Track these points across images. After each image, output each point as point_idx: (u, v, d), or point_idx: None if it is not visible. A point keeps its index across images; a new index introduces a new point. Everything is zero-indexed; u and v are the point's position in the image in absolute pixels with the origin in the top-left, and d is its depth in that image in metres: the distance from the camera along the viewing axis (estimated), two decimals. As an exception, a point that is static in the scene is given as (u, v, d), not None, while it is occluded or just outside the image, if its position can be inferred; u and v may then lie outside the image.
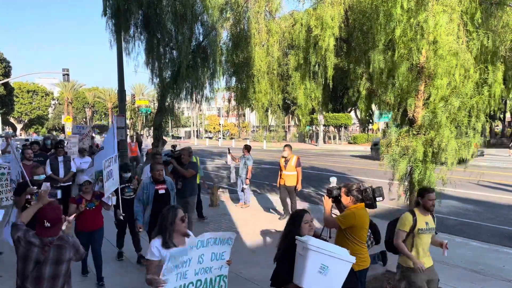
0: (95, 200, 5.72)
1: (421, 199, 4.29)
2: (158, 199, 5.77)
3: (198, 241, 3.34)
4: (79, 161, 10.43)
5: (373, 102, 5.65)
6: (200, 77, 10.21)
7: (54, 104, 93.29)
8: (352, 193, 4.17)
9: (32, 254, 3.15)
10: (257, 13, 6.68)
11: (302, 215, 3.40)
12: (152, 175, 5.92)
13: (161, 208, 5.43)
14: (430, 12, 4.27)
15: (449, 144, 4.52)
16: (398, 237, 4.29)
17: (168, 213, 3.61)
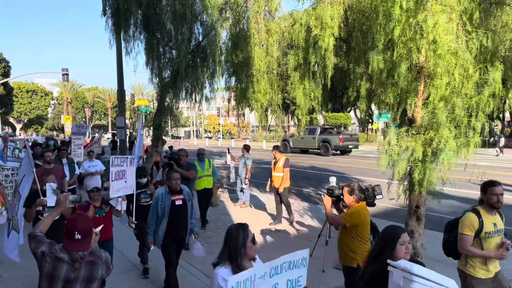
0: (105, 206, 5.22)
1: (484, 194, 3.83)
2: (175, 211, 5.21)
3: (272, 267, 2.79)
4: (87, 164, 9.88)
5: (373, 102, 5.65)
6: (200, 77, 10.21)
7: (54, 104, 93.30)
8: (355, 192, 4.15)
9: (60, 272, 2.76)
10: (257, 13, 6.68)
11: (398, 234, 2.83)
12: (168, 185, 5.29)
13: (178, 221, 5.19)
14: (429, 12, 4.27)
15: (448, 144, 4.52)
16: (465, 243, 3.72)
17: (238, 233, 2.98)
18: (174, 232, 5.20)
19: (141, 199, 6.14)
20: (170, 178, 5.28)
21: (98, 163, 9.98)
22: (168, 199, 5.23)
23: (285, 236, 8.24)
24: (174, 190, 5.29)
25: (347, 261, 4.21)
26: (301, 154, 29.85)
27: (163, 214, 5.18)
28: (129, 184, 5.64)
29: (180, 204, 5.29)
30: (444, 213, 9.70)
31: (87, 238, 2.78)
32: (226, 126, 68.01)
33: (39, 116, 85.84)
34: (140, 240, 6.15)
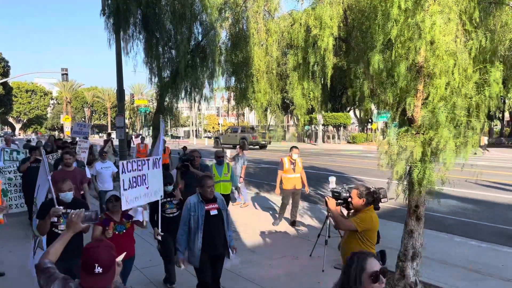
0: (126, 221, 4.53)
1: None
2: (210, 223, 4.56)
3: None
4: (99, 165, 9.31)
5: (373, 101, 5.65)
6: (199, 76, 10.22)
7: (53, 104, 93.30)
8: (364, 195, 4.00)
9: None
10: (256, 13, 6.67)
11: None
12: (202, 193, 4.64)
13: (214, 234, 4.58)
14: (427, 12, 4.27)
15: (447, 144, 4.52)
16: None
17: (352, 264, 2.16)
18: (210, 247, 4.58)
19: (166, 210, 5.48)
20: (203, 185, 4.62)
21: (110, 165, 9.57)
22: (202, 209, 4.58)
23: (285, 236, 8.24)
24: (208, 199, 4.65)
25: None
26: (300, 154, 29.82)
27: (197, 226, 4.53)
28: (154, 190, 4.95)
29: (215, 214, 4.64)
30: (444, 213, 9.72)
31: (109, 271, 2.26)
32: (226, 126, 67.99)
33: (39, 116, 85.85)
34: (165, 257, 5.50)
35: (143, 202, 4.74)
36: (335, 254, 6.58)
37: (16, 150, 10.39)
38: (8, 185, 8.90)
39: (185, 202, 4.70)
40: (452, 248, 7.18)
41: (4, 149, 10.15)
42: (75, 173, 7.14)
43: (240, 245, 7.32)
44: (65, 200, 4.35)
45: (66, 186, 4.37)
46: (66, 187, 4.37)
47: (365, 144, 38.08)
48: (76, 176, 7.08)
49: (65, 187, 4.37)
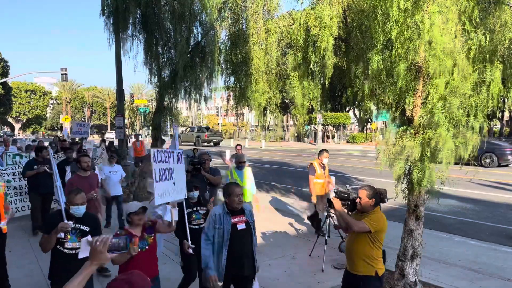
0: (148, 235, 3.96)
1: None
2: (237, 238, 3.97)
3: None
4: (108, 169, 8.75)
5: (372, 101, 5.65)
6: (199, 76, 10.22)
7: (52, 104, 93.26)
8: (373, 195, 3.92)
9: None
10: (256, 13, 6.67)
11: None
12: (229, 203, 4.00)
13: (241, 252, 3.98)
14: (425, 12, 4.28)
15: (445, 144, 4.52)
16: None
17: None
18: (236, 267, 4.01)
19: (192, 221, 4.85)
20: (231, 193, 3.98)
21: (119, 168, 9.07)
22: (228, 222, 3.96)
23: (284, 235, 8.24)
24: (235, 210, 4.02)
25: (365, 271, 3.88)
26: (300, 154, 29.85)
27: (221, 242, 3.96)
28: (180, 187, 4.46)
29: (244, 229, 4.02)
30: (443, 213, 9.72)
31: None
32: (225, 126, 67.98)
33: (38, 116, 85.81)
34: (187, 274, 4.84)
35: (171, 198, 4.29)
36: (335, 253, 6.58)
37: (18, 154, 10.04)
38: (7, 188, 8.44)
39: (209, 213, 4.16)
40: (451, 248, 7.19)
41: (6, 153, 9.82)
42: (91, 179, 6.51)
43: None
44: (76, 215, 3.85)
45: (79, 198, 3.81)
46: (79, 200, 3.81)
47: (365, 144, 38.09)
48: (93, 182, 6.53)
49: (78, 199, 3.81)
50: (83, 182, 6.09)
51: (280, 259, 6.73)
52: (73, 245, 3.84)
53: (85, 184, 5.96)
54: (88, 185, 6.17)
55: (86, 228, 3.94)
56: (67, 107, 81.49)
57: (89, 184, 6.26)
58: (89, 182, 6.32)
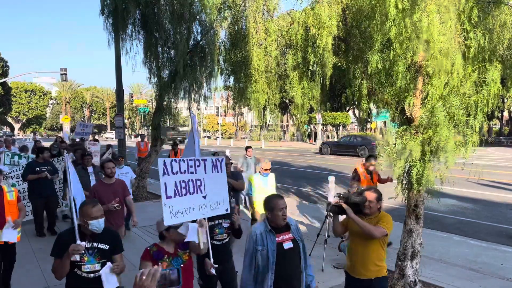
0: (182, 252, 3.43)
1: None
2: (283, 260, 3.37)
3: None
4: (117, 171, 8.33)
5: (371, 101, 5.66)
6: (198, 76, 10.22)
7: (52, 104, 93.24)
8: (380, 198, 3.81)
9: None
10: (255, 12, 6.67)
11: None
12: (271, 219, 3.41)
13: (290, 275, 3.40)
14: (424, 12, 4.28)
15: (447, 143, 4.53)
16: None
17: None
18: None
19: (215, 236, 4.25)
20: (273, 207, 3.39)
21: (128, 170, 8.40)
22: (272, 241, 3.37)
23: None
24: (279, 227, 3.43)
25: (377, 273, 3.76)
26: (300, 154, 29.84)
27: (266, 265, 3.35)
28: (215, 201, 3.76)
29: (291, 248, 3.42)
30: (443, 212, 9.73)
31: None
32: (225, 126, 68.02)
33: (38, 116, 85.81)
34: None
35: (198, 216, 3.60)
36: (335, 253, 6.58)
37: (17, 154, 9.63)
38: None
39: (249, 233, 3.53)
40: (451, 247, 7.19)
41: (4, 152, 9.46)
42: (116, 187, 5.76)
43: (240, 245, 7.32)
44: (96, 231, 3.29)
45: (97, 211, 3.29)
46: (97, 213, 3.28)
47: (365, 143, 38.02)
48: (118, 189, 5.75)
49: (96, 212, 3.28)
50: (107, 190, 5.59)
51: (280, 259, 6.72)
52: (91, 267, 3.29)
53: (109, 193, 5.53)
54: (112, 194, 5.60)
55: (105, 247, 3.38)
56: (67, 107, 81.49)
57: (114, 192, 5.64)
58: (113, 190, 5.67)
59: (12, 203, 5.05)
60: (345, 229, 4.06)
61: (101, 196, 5.39)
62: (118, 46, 12.07)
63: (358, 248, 3.82)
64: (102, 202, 4.88)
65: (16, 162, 9.13)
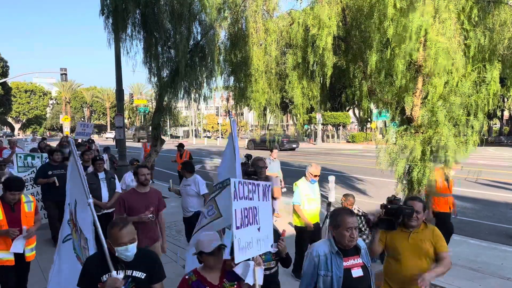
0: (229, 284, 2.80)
1: None
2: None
3: None
4: (130, 177, 7.57)
5: (372, 100, 5.66)
6: (198, 76, 10.21)
7: (52, 104, 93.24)
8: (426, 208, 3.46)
9: None
10: (255, 12, 6.67)
11: None
12: (338, 238, 2.88)
13: None
14: (421, 12, 4.28)
15: (447, 142, 4.53)
16: None
17: None
18: None
19: None
20: (340, 224, 2.85)
21: None
22: (338, 265, 2.83)
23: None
24: (347, 249, 2.88)
25: None
26: (299, 153, 29.86)
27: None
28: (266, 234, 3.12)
29: (360, 276, 2.87)
30: (443, 212, 9.72)
31: None
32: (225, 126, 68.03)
33: (38, 116, 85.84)
34: None
35: (255, 252, 2.97)
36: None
37: (30, 155, 8.94)
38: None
39: (308, 253, 3.01)
40: (451, 247, 7.17)
41: (16, 154, 8.82)
42: (150, 198, 4.84)
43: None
44: (125, 259, 2.70)
45: (127, 234, 2.64)
46: (126, 237, 2.64)
47: (365, 143, 38.08)
48: (153, 201, 4.84)
49: (125, 236, 2.64)
50: (139, 201, 4.72)
51: (280, 258, 6.72)
52: None
53: (141, 204, 4.70)
54: (145, 205, 4.72)
55: (140, 275, 2.78)
56: (67, 107, 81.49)
57: (147, 204, 4.74)
58: (147, 201, 4.76)
59: (30, 215, 4.46)
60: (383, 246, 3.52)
61: (132, 206, 4.64)
62: (118, 46, 12.05)
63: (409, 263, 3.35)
64: (133, 213, 4.53)
65: (29, 164, 8.52)
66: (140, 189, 4.82)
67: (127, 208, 4.63)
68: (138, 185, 4.86)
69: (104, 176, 6.70)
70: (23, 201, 4.44)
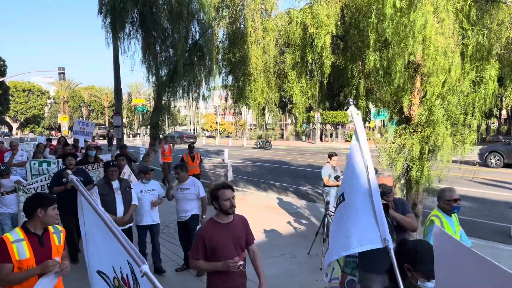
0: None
1: None
2: None
3: None
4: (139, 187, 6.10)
5: (369, 100, 5.67)
6: (197, 75, 10.21)
7: (50, 103, 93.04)
8: None
9: None
10: (253, 11, 6.68)
11: None
12: None
13: None
14: (420, 12, 4.29)
15: (445, 142, 4.54)
16: None
17: None
18: None
19: None
20: None
21: (155, 186, 6.25)
22: None
23: (283, 234, 8.25)
24: None
25: None
26: (298, 153, 29.88)
27: None
28: None
29: None
30: (441, 211, 9.74)
31: None
32: (224, 125, 68.05)
33: (36, 115, 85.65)
34: None
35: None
36: (333, 252, 6.59)
37: (45, 161, 8.05)
38: None
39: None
40: (449, 246, 7.20)
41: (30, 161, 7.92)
42: (238, 229, 3.43)
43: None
44: None
45: None
46: None
47: (363, 142, 38.01)
48: (240, 234, 3.44)
49: None
50: (224, 237, 3.28)
51: (279, 257, 6.73)
52: None
53: (227, 239, 3.28)
54: (233, 241, 3.32)
55: None
56: (65, 107, 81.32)
57: (235, 239, 3.35)
58: (234, 234, 3.35)
59: (61, 249, 3.31)
60: None
61: (216, 246, 3.23)
62: (116, 45, 12.06)
63: None
64: (217, 257, 3.18)
65: (44, 171, 7.58)
66: (222, 219, 3.37)
67: (210, 249, 3.23)
68: (220, 213, 3.38)
69: (119, 185, 5.66)
70: (51, 231, 3.29)
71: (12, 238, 2.94)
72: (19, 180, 6.58)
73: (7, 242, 2.91)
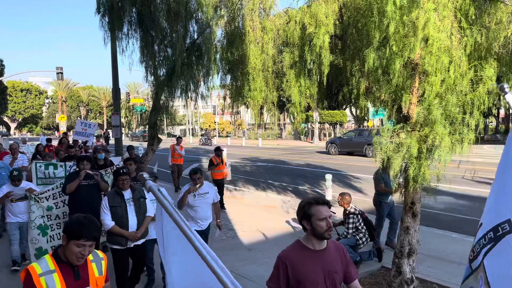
0: None
1: None
2: None
3: None
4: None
5: (368, 99, 5.67)
6: (195, 75, 10.20)
7: (48, 103, 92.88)
8: None
9: None
10: (252, 11, 6.67)
11: None
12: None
13: None
14: (421, 9, 4.29)
15: (443, 141, 4.54)
16: None
17: None
18: None
19: None
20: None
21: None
22: None
23: (282, 234, 8.26)
24: None
25: None
26: (296, 152, 29.90)
27: None
28: None
29: None
30: (440, 210, 9.76)
31: None
32: (222, 124, 68.05)
33: (34, 115, 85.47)
34: None
35: None
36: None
37: (52, 164, 7.51)
38: (47, 219, 6.02)
39: None
40: (448, 245, 7.22)
41: (35, 163, 7.38)
42: (333, 260, 2.69)
43: (237, 243, 7.33)
44: None
45: None
46: None
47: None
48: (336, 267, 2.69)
49: None
50: (314, 268, 2.60)
51: (278, 257, 6.74)
52: None
53: (317, 274, 2.59)
54: (327, 275, 2.61)
55: None
56: (63, 106, 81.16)
57: (329, 273, 2.62)
58: (327, 267, 2.64)
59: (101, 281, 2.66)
60: None
61: (300, 279, 2.57)
62: (114, 45, 12.02)
63: None
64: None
65: (51, 174, 7.21)
66: (313, 244, 2.71)
67: (294, 281, 2.58)
68: (311, 236, 2.75)
69: (131, 195, 4.99)
70: (90, 259, 2.60)
71: (40, 270, 2.33)
72: (30, 188, 6.20)
73: (33, 274, 2.30)
